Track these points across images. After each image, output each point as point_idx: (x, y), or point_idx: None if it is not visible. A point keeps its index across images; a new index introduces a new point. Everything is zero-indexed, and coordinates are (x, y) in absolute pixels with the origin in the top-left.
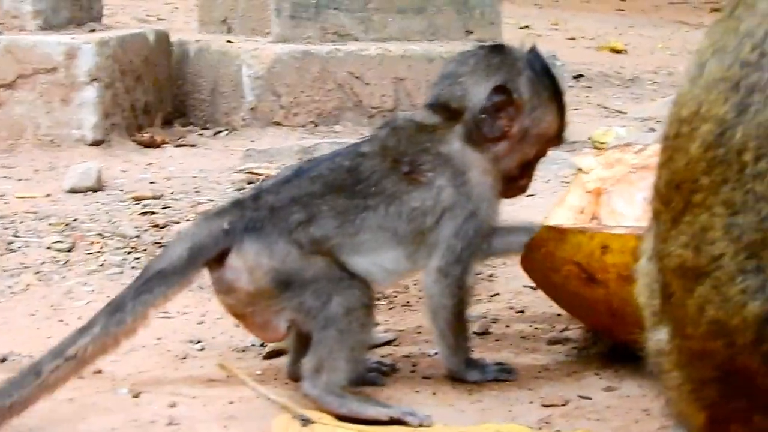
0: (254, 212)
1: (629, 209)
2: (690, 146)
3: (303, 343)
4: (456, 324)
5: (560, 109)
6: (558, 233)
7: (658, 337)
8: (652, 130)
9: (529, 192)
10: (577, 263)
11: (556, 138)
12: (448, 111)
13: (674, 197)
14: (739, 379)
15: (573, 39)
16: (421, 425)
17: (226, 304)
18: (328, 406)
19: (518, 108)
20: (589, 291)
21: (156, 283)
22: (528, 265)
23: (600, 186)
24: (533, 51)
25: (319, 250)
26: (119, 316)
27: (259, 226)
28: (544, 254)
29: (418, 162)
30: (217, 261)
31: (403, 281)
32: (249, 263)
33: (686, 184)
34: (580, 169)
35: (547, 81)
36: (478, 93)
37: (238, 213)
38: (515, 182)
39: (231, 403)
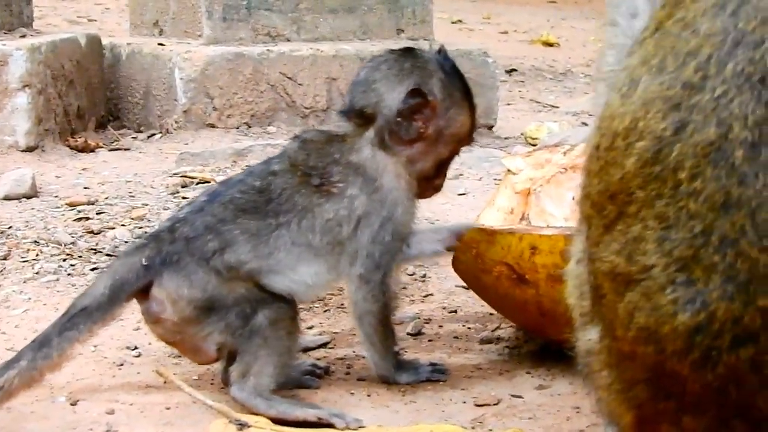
0: (171, 245)
1: (558, 209)
2: (626, 161)
3: (235, 352)
4: (382, 328)
5: (471, 108)
6: (488, 235)
7: (588, 337)
8: (585, 124)
9: (461, 191)
10: (507, 264)
11: (469, 136)
12: (361, 117)
13: (608, 206)
14: (669, 382)
15: (505, 33)
16: (347, 428)
17: (156, 333)
18: (255, 408)
19: (433, 109)
20: (520, 291)
21: (80, 319)
22: (459, 266)
23: (529, 186)
24: (442, 52)
25: (237, 276)
26: (45, 351)
27: (176, 258)
28: (474, 256)
29: (328, 174)
30: (144, 293)
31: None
32: (171, 295)
33: (621, 196)
34: (509, 170)
35: (457, 81)
36: (393, 97)
37: (156, 247)
38: (431, 182)
39: (168, 408)
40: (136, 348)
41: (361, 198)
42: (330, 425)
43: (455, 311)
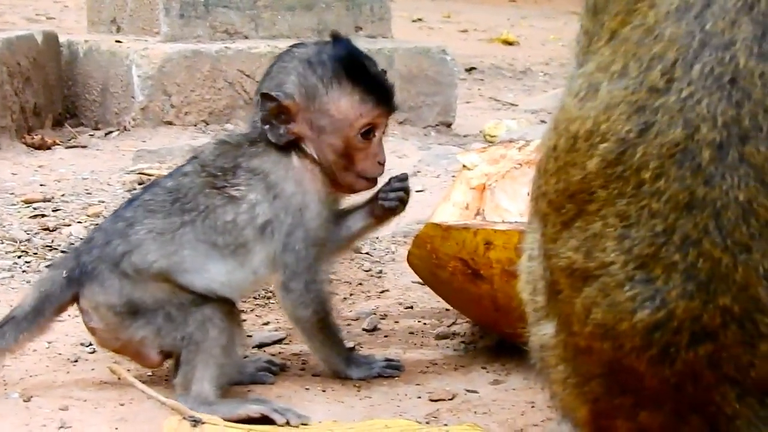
0: (87, 255)
1: (513, 205)
2: (588, 162)
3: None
4: (320, 330)
5: (360, 89)
6: (442, 230)
7: (542, 332)
8: (543, 122)
9: (419, 187)
10: (462, 259)
11: (366, 114)
12: (259, 131)
13: (566, 204)
14: (626, 378)
15: (465, 31)
16: (287, 424)
17: (97, 342)
18: (204, 413)
19: (289, 109)
20: (474, 287)
21: (8, 329)
22: (414, 262)
23: (484, 182)
24: (333, 38)
25: (149, 276)
26: None
27: (92, 267)
28: (429, 251)
29: (232, 176)
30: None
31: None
32: (92, 305)
33: (581, 195)
34: (464, 166)
35: (326, 69)
36: (257, 105)
37: (75, 259)
38: (352, 173)
39: (122, 405)
40: (90, 344)
41: (263, 204)
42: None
43: (411, 307)
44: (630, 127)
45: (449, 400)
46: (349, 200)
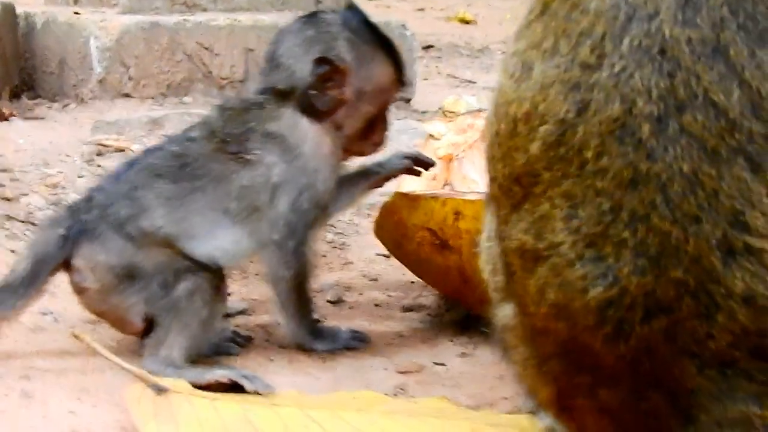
0: (87, 214)
1: (481, 176)
2: (530, 145)
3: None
4: (296, 295)
5: (390, 56)
6: (410, 200)
7: (503, 313)
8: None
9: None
10: (430, 230)
11: (395, 85)
12: (278, 94)
13: (513, 187)
14: (582, 356)
15: (422, 9)
16: (256, 392)
17: (83, 304)
18: (166, 378)
19: (344, 73)
20: (442, 257)
21: (5, 296)
22: (381, 232)
23: (451, 152)
24: (349, 8)
25: (154, 241)
26: None
27: (93, 226)
28: (396, 221)
29: (245, 141)
30: (67, 264)
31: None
32: (90, 264)
33: (526, 178)
34: (431, 135)
35: (367, 35)
36: (301, 70)
37: (73, 217)
38: (368, 140)
39: (84, 374)
40: (51, 313)
41: (280, 166)
42: (240, 386)
43: (376, 279)
44: (567, 107)
45: (416, 372)
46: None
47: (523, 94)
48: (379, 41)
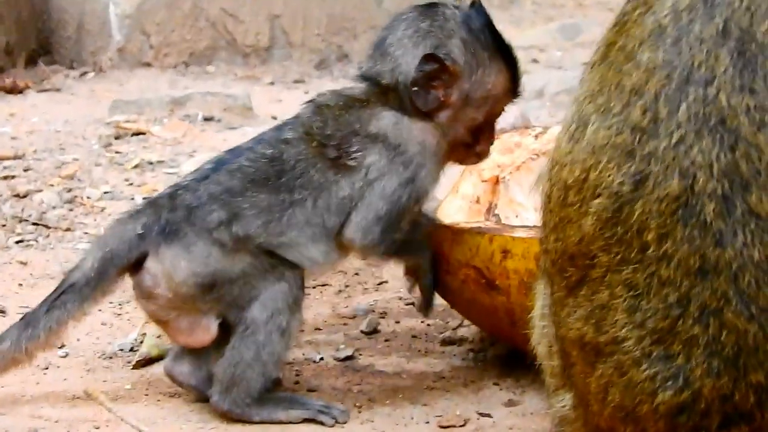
0: (170, 213)
1: (528, 199)
2: (583, 221)
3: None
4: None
5: (506, 65)
6: (454, 234)
7: (561, 404)
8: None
9: None
10: (476, 267)
11: (507, 96)
12: (379, 85)
13: (569, 268)
14: None
15: None
16: (336, 423)
17: (147, 310)
18: (239, 417)
19: (453, 75)
20: (489, 298)
21: (69, 297)
22: None
23: (497, 174)
24: (474, 6)
25: (244, 249)
26: (31, 332)
27: (176, 228)
28: (438, 256)
29: (346, 144)
30: (136, 265)
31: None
32: (167, 268)
33: (581, 259)
34: None
35: (486, 38)
36: (407, 64)
37: (153, 214)
38: (471, 149)
39: (97, 428)
40: (63, 346)
41: (381, 162)
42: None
43: (412, 303)
44: (621, 178)
45: (461, 426)
46: None
47: (576, 157)
48: (497, 47)
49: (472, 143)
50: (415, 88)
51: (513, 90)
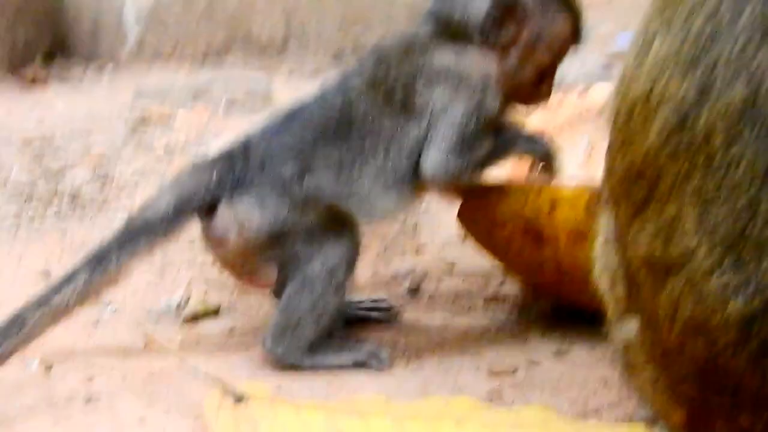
0: (244, 163)
1: (571, 156)
2: (649, 132)
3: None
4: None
5: (571, 8)
6: (501, 187)
7: (626, 329)
8: None
9: None
10: (523, 220)
11: (571, 40)
12: (449, 25)
13: (635, 185)
14: (723, 378)
15: None
16: (383, 365)
17: (216, 255)
18: (291, 363)
19: (526, 12)
20: (536, 250)
21: (141, 233)
22: (465, 219)
23: (541, 131)
24: None
25: (313, 203)
26: (103, 266)
27: (250, 178)
28: (484, 208)
29: (411, 87)
30: (208, 211)
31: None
32: (239, 218)
33: (649, 171)
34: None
35: None
36: (478, 7)
37: (229, 164)
38: (534, 90)
39: (152, 375)
40: (110, 303)
41: (446, 94)
42: (365, 366)
43: (452, 265)
44: (686, 87)
45: (511, 373)
46: None
47: (641, 71)
48: None
49: (536, 83)
50: (488, 26)
51: (575, 36)
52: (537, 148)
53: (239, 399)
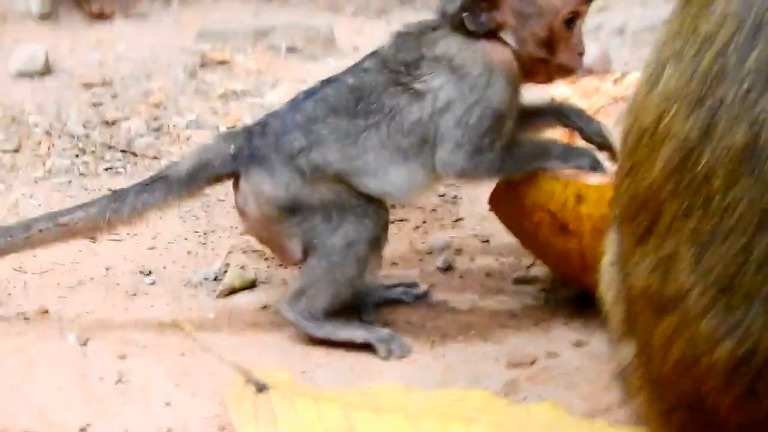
0: (260, 139)
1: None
2: (653, 165)
3: None
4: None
5: None
6: (530, 177)
7: (624, 351)
8: None
9: None
10: (550, 211)
11: (571, 3)
12: (447, 15)
13: (639, 214)
14: (710, 415)
15: None
16: (390, 355)
17: (244, 226)
18: (303, 329)
19: None
20: (561, 241)
21: (159, 186)
22: (497, 205)
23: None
24: None
25: (323, 177)
26: (118, 205)
27: (263, 153)
28: (514, 197)
29: (415, 69)
30: (236, 183)
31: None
32: (254, 190)
33: (651, 205)
34: (552, 99)
35: None
36: None
37: (247, 138)
38: (552, 62)
39: (183, 355)
40: (150, 273)
41: (448, 86)
42: (372, 347)
43: (488, 241)
44: (690, 125)
45: (529, 366)
46: None
47: (651, 101)
48: None
49: (550, 57)
50: (465, 14)
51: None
52: (583, 163)
53: (261, 389)
